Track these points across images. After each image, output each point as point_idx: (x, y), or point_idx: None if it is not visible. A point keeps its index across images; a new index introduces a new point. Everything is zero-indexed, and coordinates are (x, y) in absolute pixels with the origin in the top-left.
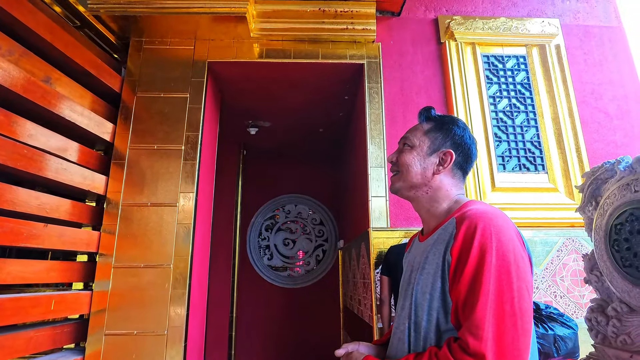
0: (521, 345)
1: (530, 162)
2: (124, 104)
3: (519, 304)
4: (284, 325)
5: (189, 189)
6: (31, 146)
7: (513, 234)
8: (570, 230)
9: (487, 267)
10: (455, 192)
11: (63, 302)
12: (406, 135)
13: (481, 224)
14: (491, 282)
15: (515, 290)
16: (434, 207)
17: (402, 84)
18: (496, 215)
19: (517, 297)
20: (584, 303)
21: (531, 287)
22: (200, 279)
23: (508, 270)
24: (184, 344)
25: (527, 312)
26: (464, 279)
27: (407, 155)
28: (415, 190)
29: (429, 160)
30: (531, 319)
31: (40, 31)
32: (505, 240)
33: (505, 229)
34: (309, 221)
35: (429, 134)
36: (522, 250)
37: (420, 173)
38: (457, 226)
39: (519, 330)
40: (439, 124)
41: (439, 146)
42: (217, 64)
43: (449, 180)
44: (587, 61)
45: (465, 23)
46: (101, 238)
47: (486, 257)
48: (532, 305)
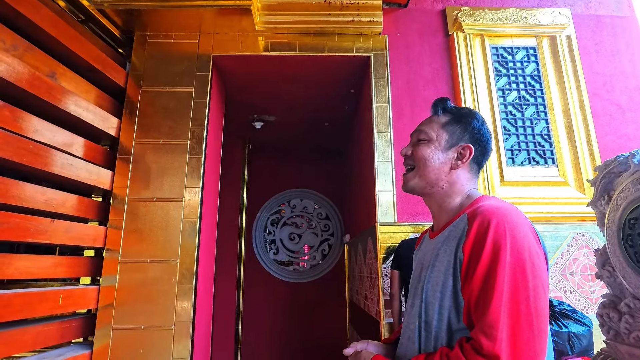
0: (537, 347)
1: (540, 155)
2: (129, 98)
3: (534, 303)
4: (289, 320)
5: (195, 183)
6: (37, 141)
7: (528, 230)
8: (581, 225)
9: (501, 265)
10: (468, 187)
11: (71, 297)
12: (421, 128)
13: (494, 220)
14: (505, 281)
15: (531, 289)
16: (447, 202)
17: (409, 77)
18: (510, 211)
19: (533, 297)
20: (595, 298)
21: (547, 285)
22: (207, 274)
23: (523, 268)
24: (191, 339)
25: (543, 311)
26: (477, 277)
27: (424, 149)
28: (432, 186)
29: (447, 154)
30: (547, 319)
31: (45, 26)
32: (520, 237)
33: (520, 225)
34: (314, 216)
35: (447, 127)
36: (538, 247)
37: (438, 168)
38: (469, 222)
39: (535, 330)
40: (457, 117)
41: (457, 140)
42: (221, 57)
43: (466, 175)
44: (598, 52)
45: (474, 14)
46: (108, 233)
47: (500, 254)
48: (548, 304)
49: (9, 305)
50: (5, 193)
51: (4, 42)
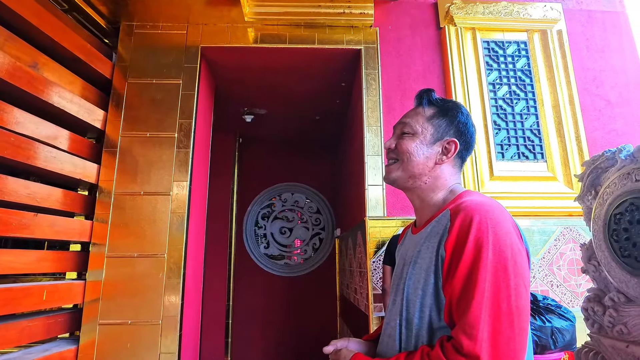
0: (517, 346)
1: (530, 150)
2: (115, 90)
3: (516, 302)
4: (280, 314)
5: (183, 177)
6: (19, 134)
7: (510, 227)
8: (568, 220)
9: (483, 263)
10: (452, 182)
11: (56, 292)
12: (405, 121)
13: (477, 217)
14: (487, 280)
15: (513, 287)
16: (429, 197)
17: (400, 71)
18: (492, 207)
19: (514, 295)
20: (580, 292)
21: (528, 283)
22: (195, 268)
23: (505, 267)
24: (179, 333)
25: (525, 310)
26: (459, 276)
27: (409, 143)
28: (414, 180)
29: (432, 149)
30: (528, 318)
31: (27, 15)
32: (502, 234)
33: (502, 222)
34: (305, 209)
35: (432, 120)
36: (520, 244)
37: (422, 162)
38: (452, 219)
39: (516, 330)
40: (443, 110)
41: (442, 134)
42: (210, 49)
43: (449, 169)
44: (589, 47)
45: (466, 7)
46: (94, 227)
47: (482, 252)
48: (530, 301)
49: None
50: None
51: None
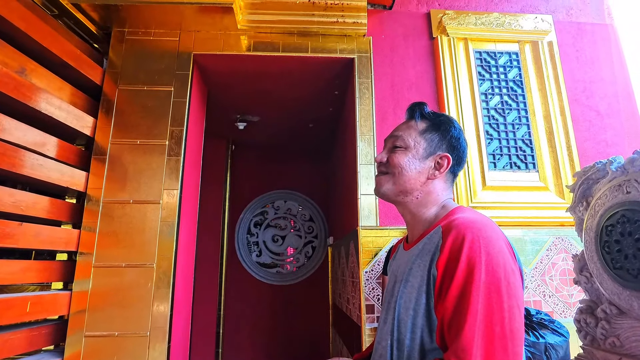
0: None
1: (521, 160)
2: (106, 97)
3: (509, 324)
4: (272, 323)
5: (173, 185)
6: (4, 141)
7: (503, 245)
8: (560, 230)
9: (476, 284)
10: (443, 197)
11: (39, 304)
12: (398, 134)
13: (469, 235)
14: (479, 301)
15: (506, 309)
16: (421, 212)
17: (393, 80)
18: (485, 225)
19: (508, 317)
20: (573, 302)
21: (522, 303)
22: (186, 278)
23: (498, 288)
24: (168, 344)
25: (519, 333)
26: (450, 297)
27: (401, 157)
28: (405, 195)
29: (424, 164)
30: (522, 341)
31: (14, 19)
32: (495, 253)
33: (495, 240)
34: (298, 217)
35: (425, 134)
36: (513, 263)
37: (414, 177)
38: (444, 236)
39: (510, 354)
40: (435, 124)
41: (435, 149)
42: (203, 56)
43: (441, 185)
44: (579, 58)
45: (458, 18)
46: (81, 236)
47: (474, 272)
48: (524, 323)
49: None
50: None
51: None
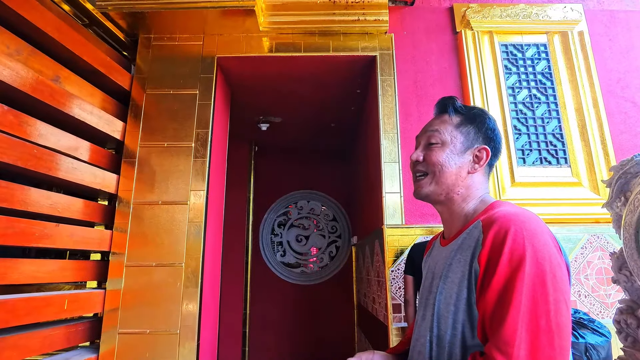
0: None
1: (552, 155)
2: (134, 101)
3: (555, 318)
4: (297, 322)
5: (200, 186)
6: (41, 146)
7: (548, 239)
8: (595, 227)
9: (520, 277)
10: (482, 191)
11: (76, 302)
12: (433, 129)
13: (512, 228)
14: (524, 293)
15: (552, 302)
16: (460, 208)
17: (416, 76)
18: (528, 218)
19: (554, 311)
20: (611, 303)
21: (569, 298)
22: (213, 277)
23: (543, 280)
24: (197, 342)
25: (566, 327)
26: (493, 289)
27: (439, 154)
28: (448, 192)
29: (463, 158)
30: (569, 336)
31: (49, 30)
32: (540, 246)
33: (540, 234)
34: (321, 217)
35: (461, 127)
36: (559, 257)
37: (455, 173)
38: (484, 231)
39: (556, 349)
40: (470, 117)
41: (472, 142)
42: (226, 59)
43: (480, 178)
44: (612, 48)
45: (482, 11)
46: (113, 237)
47: (519, 265)
48: (571, 319)
49: (14, 310)
50: (10, 198)
51: (8, 46)
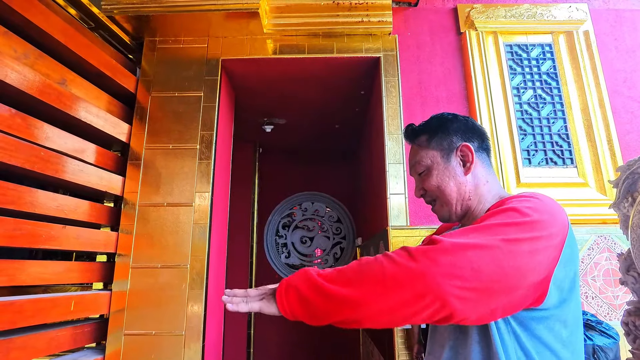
0: (482, 266)
1: (558, 155)
2: (139, 104)
3: (507, 245)
4: (302, 324)
5: (205, 188)
6: (48, 148)
7: (558, 212)
8: (602, 228)
9: (502, 209)
10: (493, 184)
11: (82, 303)
12: (413, 163)
13: (517, 199)
14: (496, 218)
15: (510, 234)
16: (479, 210)
17: (420, 77)
18: (542, 195)
19: (507, 241)
20: (618, 304)
21: (545, 261)
22: (218, 279)
23: (516, 220)
24: (202, 344)
25: (511, 268)
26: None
27: (431, 179)
28: (462, 204)
29: (451, 166)
30: (523, 271)
31: (55, 33)
32: (539, 205)
33: (550, 203)
34: (326, 219)
35: (431, 144)
36: (560, 228)
37: (455, 184)
38: (490, 209)
39: (493, 255)
40: (431, 130)
41: (448, 148)
42: (230, 61)
43: (481, 171)
44: (618, 48)
45: (487, 11)
46: (119, 238)
47: (506, 206)
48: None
49: (21, 312)
50: (18, 200)
51: (15, 50)
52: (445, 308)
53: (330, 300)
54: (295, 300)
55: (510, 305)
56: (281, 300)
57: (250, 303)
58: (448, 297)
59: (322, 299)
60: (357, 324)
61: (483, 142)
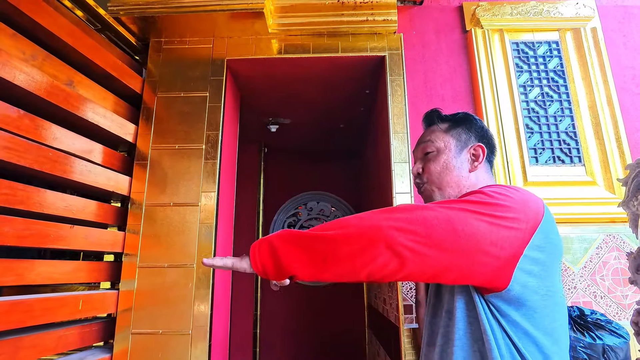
0: (413, 223)
1: (565, 154)
2: (145, 104)
3: (457, 215)
4: (308, 324)
5: (210, 188)
6: (56, 149)
7: (536, 207)
8: (611, 226)
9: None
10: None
11: (90, 302)
12: (425, 140)
13: (489, 187)
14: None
15: (468, 208)
16: None
17: (426, 76)
18: (516, 187)
19: (459, 210)
20: (628, 304)
21: (503, 235)
22: (224, 278)
23: (478, 199)
24: (209, 343)
25: (455, 231)
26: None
27: (437, 161)
28: (455, 194)
29: (460, 159)
30: (461, 239)
31: (62, 35)
32: (505, 191)
33: (523, 195)
34: (331, 218)
35: (451, 132)
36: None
37: (457, 175)
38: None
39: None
40: (456, 121)
41: (465, 142)
42: (235, 61)
43: (484, 175)
44: (626, 44)
45: (492, 9)
46: (126, 238)
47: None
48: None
49: (30, 310)
50: (27, 200)
51: (24, 52)
52: (396, 258)
53: (300, 242)
54: (266, 250)
55: (468, 270)
56: (254, 253)
57: (224, 259)
58: (399, 247)
59: (291, 246)
60: (319, 273)
61: (491, 154)
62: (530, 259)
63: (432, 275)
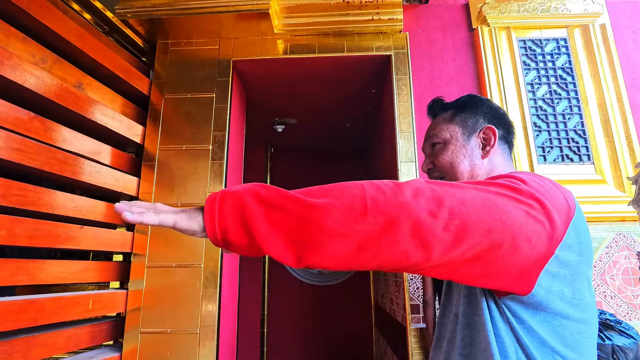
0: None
1: (574, 152)
2: (153, 106)
3: (481, 194)
4: (315, 323)
5: (218, 188)
6: (66, 150)
7: (567, 198)
8: (621, 225)
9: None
10: (508, 170)
11: (100, 301)
12: (431, 134)
13: (514, 172)
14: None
15: (490, 192)
16: None
17: (432, 75)
18: (544, 177)
19: (484, 193)
20: (638, 304)
21: (524, 224)
22: (231, 278)
23: (498, 183)
24: (217, 342)
25: (476, 218)
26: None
27: (445, 153)
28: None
29: (470, 145)
30: (473, 227)
31: (71, 38)
32: (530, 178)
33: (546, 181)
34: None
35: (455, 119)
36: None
37: (469, 163)
38: None
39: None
40: (459, 107)
41: (473, 127)
42: (241, 62)
43: (499, 158)
44: (636, 41)
45: (499, 6)
46: (135, 238)
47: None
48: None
49: (43, 310)
50: (37, 201)
51: (34, 55)
52: (423, 249)
53: (283, 208)
54: (233, 212)
55: (494, 270)
56: (211, 211)
57: (161, 215)
58: (428, 237)
59: (270, 209)
60: (310, 258)
61: (508, 134)
62: (560, 260)
63: (447, 271)
